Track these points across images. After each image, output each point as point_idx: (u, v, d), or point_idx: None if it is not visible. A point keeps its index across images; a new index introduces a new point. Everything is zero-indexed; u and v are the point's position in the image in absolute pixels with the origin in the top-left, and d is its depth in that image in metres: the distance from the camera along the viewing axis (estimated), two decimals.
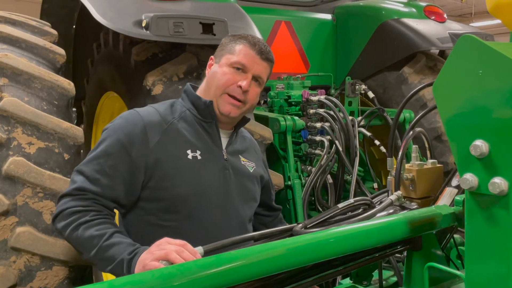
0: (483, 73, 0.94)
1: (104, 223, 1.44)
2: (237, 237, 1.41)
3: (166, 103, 1.70)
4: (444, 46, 3.38)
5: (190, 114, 1.65)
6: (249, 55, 1.64)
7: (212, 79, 1.67)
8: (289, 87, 3.24)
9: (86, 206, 1.46)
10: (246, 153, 1.80)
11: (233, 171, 1.68)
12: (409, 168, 1.83)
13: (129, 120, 1.56)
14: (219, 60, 1.68)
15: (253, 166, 1.79)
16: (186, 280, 0.93)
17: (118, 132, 1.53)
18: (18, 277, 1.76)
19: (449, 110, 1.02)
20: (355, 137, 2.90)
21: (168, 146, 1.56)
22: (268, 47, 1.71)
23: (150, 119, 1.57)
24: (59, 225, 1.48)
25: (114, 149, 1.51)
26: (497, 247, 0.97)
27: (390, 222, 1.26)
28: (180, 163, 1.56)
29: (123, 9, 2.40)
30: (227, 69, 1.63)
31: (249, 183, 1.75)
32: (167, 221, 1.54)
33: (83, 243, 1.41)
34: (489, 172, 0.94)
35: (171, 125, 1.59)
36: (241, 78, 1.62)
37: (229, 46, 1.68)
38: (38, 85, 2.08)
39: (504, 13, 1.03)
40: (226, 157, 1.67)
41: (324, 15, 3.86)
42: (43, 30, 2.47)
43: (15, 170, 1.82)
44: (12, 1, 11.92)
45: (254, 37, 1.70)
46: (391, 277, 1.78)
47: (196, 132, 1.64)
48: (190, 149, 1.59)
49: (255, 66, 1.65)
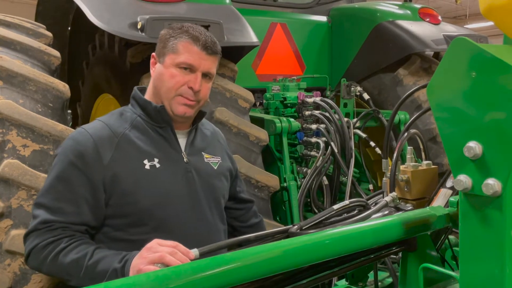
0: (476, 75, 0.94)
1: (81, 244, 1.40)
2: (232, 239, 1.41)
3: (115, 113, 1.62)
4: (439, 48, 3.40)
5: (141, 121, 1.57)
6: (194, 53, 1.54)
7: (159, 81, 1.57)
8: (284, 89, 3.24)
9: (56, 235, 1.40)
10: (210, 148, 1.73)
11: (196, 172, 1.61)
12: (404, 169, 1.84)
13: (78, 140, 1.48)
14: (163, 60, 1.57)
15: (218, 161, 1.72)
16: (182, 283, 0.92)
17: (69, 155, 1.46)
18: (13, 280, 1.76)
19: (442, 112, 1.02)
20: (350, 139, 2.91)
21: (123, 160, 1.48)
22: (212, 37, 1.60)
23: (99, 135, 1.49)
24: (34, 263, 1.42)
25: (68, 173, 1.44)
26: (491, 247, 0.98)
27: (385, 223, 1.27)
28: (138, 175, 1.49)
29: (118, 11, 2.40)
30: (174, 71, 1.54)
31: (216, 181, 1.68)
32: (135, 235, 1.49)
33: (67, 269, 1.37)
34: (483, 174, 0.95)
35: (123, 137, 1.52)
36: (191, 78, 1.54)
37: (170, 43, 1.56)
38: (33, 87, 2.08)
39: (497, 15, 1.04)
40: (187, 160, 1.60)
41: (319, 17, 3.88)
42: (38, 32, 2.46)
43: (9, 173, 1.81)
44: (6, 3, 11.89)
45: (195, 29, 1.58)
46: (386, 278, 1.79)
47: (151, 139, 1.56)
48: (146, 158, 1.52)
49: (202, 63, 1.55)
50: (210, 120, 2.39)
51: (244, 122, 2.52)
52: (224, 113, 2.46)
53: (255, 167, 2.46)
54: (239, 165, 2.36)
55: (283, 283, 1.20)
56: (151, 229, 1.50)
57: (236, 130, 2.48)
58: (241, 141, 2.50)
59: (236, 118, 2.49)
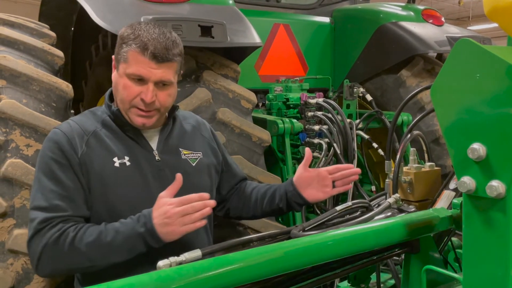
0: (481, 77, 0.94)
1: (89, 228, 1.40)
2: (235, 240, 1.41)
3: (86, 113, 1.63)
4: (442, 50, 3.39)
5: (110, 120, 1.57)
6: (142, 64, 1.45)
7: (115, 90, 1.54)
8: (287, 90, 3.24)
9: (60, 229, 1.38)
10: (188, 144, 1.67)
11: (170, 170, 1.56)
12: (407, 171, 1.84)
13: (54, 139, 1.49)
14: (118, 66, 1.53)
15: (198, 157, 1.66)
16: (184, 283, 0.92)
17: (49, 155, 1.46)
18: (16, 279, 1.76)
19: (446, 113, 1.02)
20: (353, 140, 2.90)
21: (93, 157, 1.48)
22: (168, 40, 1.48)
23: (70, 132, 1.50)
24: (47, 266, 1.39)
25: (54, 171, 1.44)
26: (495, 250, 0.97)
27: (388, 225, 1.26)
28: (108, 173, 1.48)
29: (122, 11, 2.40)
30: (126, 81, 1.49)
31: (195, 178, 1.62)
32: None
33: (87, 254, 1.36)
34: (487, 175, 0.94)
35: (93, 135, 1.51)
36: (143, 90, 1.48)
37: (122, 50, 1.49)
38: (36, 87, 2.08)
39: (501, 17, 1.04)
40: (159, 158, 1.57)
41: (322, 18, 3.87)
42: (42, 32, 2.47)
43: (13, 172, 1.81)
44: (10, 3, 11.92)
45: (147, 33, 1.46)
46: (389, 280, 1.78)
47: (120, 138, 1.55)
48: (116, 156, 1.50)
49: (153, 73, 1.46)
50: (212, 120, 2.39)
51: (246, 123, 2.52)
52: (226, 114, 2.46)
53: (257, 168, 2.46)
54: (242, 166, 2.36)
55: (285, 284, 1.20)
56: None
57: (239, 131, 2.48)
58: (243, 141, 2.50)
59: (239, 119, 2.49)
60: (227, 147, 2.39)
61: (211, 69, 2.63)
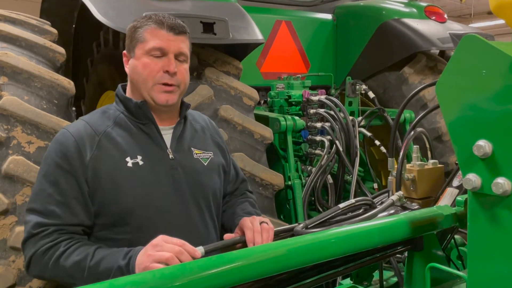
0: (487, 73, 0.93)
1: (81, 246, 1.38)
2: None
3: (98, 111, 1.60)
4: (445, 47, 3.38)
5: (124, 118, 1.55)
6: (161, 36, 1.50)
7: (135, 75, 1.54)
8: (289, 87, 3.23)
9: (53, 240, 1.37)
10: (200, 143, 1.67)
11: (183, 169, 1.55)
12: (410, 168, 1.83)
13: (61, 141, 1.47)
14: (134, 53, 1.54)
15: (209, 157, 1.66)
16: (187, 280, 0.92)
17: (54, 158, 1.45)
18: (17, 276, 1.76)
19: (452, 110, 1.01)
20: (355, 137, 2.89)
21: (104, 158, 1.46)
22: (177, 18, 1.57)
23: (80, 135, 1.47)
24: (35, 271, 1.40)
25: (56, 175, 1.43)
26: (500, 247, 0.97)
27: (392, 222, 1.26)
28: (120, 173, 1.46)
29: (123, 8, 2.39)
30: (146, 59, 1.51)
31: (206, 178, 1.62)
32: (119, 234, 1.47)
33: (69, 272, 1.35)
34: (492, 173, 0.93)
35: (104, 135, 1.49)
36: (164, 63, 1.50)
37: (136, 34, 1.53)
38: (38, 84, 2.08)
39: (507, 13, 1.03)
40: (172, 156, 1.55)
41: (324, 15, 3.86)
42: (43, 29, 2.46)
43: (14, 169, 1.81)
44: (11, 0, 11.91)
45: (157, 15, 1.55)
46: (391, 278, 1.78)
47: (134, 136, 1.53)
48: (129, 156, 1.48)
49: (172, 45, 1.51)
50: (214, 118, 2.38)
51: (248, 120, 2.51)
52: (228, 111, 2.45)
53: (259, 165, 2.45)
54: (244, 163, 2.36)
55: (287, 282, 1.20)
56: (134, 229, 1.47)
57: (241, 128, 2.47)
58: (245, 139, 2.49)
59: (241, 116, 2.48)
60: (229, 144, 2.39)
61: (213, 66, 2.62)
